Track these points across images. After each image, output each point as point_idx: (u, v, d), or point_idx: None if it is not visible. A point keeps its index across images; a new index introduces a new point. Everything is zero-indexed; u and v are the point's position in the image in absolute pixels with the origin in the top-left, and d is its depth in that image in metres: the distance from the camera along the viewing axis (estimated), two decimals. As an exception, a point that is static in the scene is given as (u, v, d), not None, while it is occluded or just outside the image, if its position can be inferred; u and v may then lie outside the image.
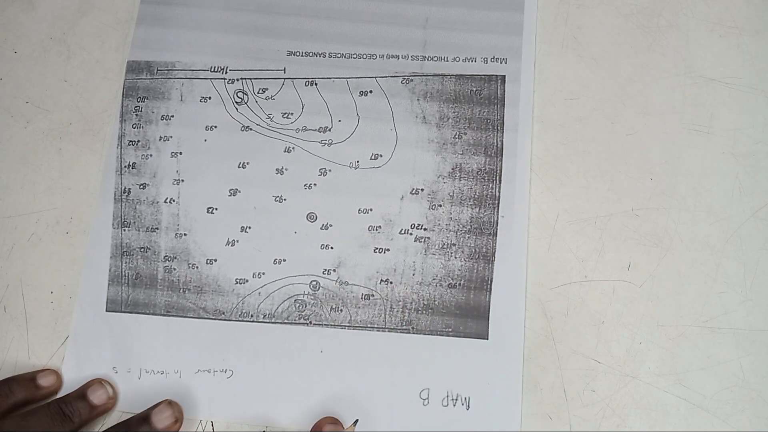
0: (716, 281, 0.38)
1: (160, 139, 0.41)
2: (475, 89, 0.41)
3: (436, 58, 0.41)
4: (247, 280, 0.39)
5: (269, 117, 0.41)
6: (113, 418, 0.37)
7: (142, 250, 0.39)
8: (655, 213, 0.39)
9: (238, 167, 0.40)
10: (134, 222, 0.40)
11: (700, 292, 0.38)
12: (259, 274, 0.39)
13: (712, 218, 0.39)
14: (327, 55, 0.41)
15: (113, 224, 0.40)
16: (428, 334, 0.38)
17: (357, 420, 0.36)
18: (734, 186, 0.39)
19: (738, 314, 0.37)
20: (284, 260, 0.39)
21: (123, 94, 0.41)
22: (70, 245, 0.39)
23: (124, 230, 0.40)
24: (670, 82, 0.41)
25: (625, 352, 0.37)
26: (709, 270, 0.38)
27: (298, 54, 0.42)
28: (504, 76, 0.41)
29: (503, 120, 0.40)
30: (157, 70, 0.42)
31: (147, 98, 0.41)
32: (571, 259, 0.38)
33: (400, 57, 0.41)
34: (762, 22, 0.42)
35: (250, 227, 0.39)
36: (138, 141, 0.41)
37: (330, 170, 0.40)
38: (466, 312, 0.38)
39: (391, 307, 0.38)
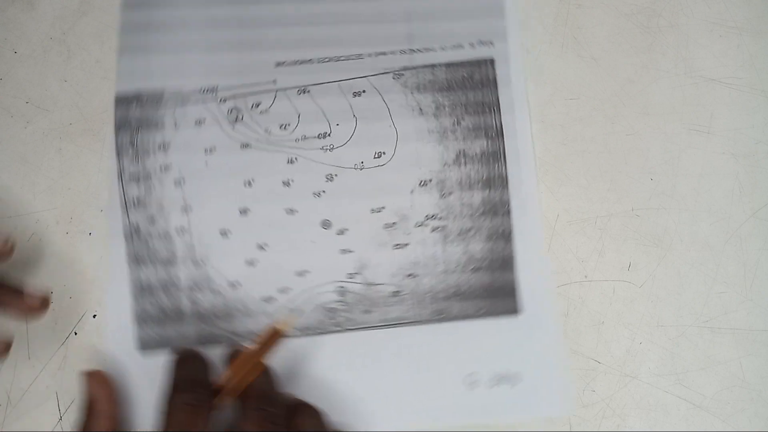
0: (716, 281, 0.38)
1: (160, 170, 0.40)
2: (466, 75, 0.41)
3: (423, 50, 0.41)
4: (274, 298, 0.38)
5: (267, 131, 0.40)
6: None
7: (163, 284, 0.38)
8: (655, 213, 0.39)
9: (244, 186, 0.39)
10: (149, 258, 0.39)
11: (700, 292, 0.38)
12: (284, 289, 0.38)
13: (712, 218, 0.39)
14: (315, 60, 0.41)
15: (129, 264, 0.39)
16: (462, 320, 0.38)
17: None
18: (734, 186, 0.39)
19: (738, 314, 0.37)
20: (307, 271, 0.38)
21: (115, 128, 0.40)
22: (70, 245, 0.39)
23: (141, 267, 0.38)
24: (670, 82, 0.41)
25: (625, 352, 0.37)
26: (709, 270, 0.38)
27: (286, 63, 0.41)
28: (492, 59, 0.41)
29: (498, 101, 0.40)
30: (147, 99, 0.41)
31: (140, 128, 0.40)
32: (571, 260, 0.38)
33: (388, 53, 0.41)
34: (762, 22, 0.42)
35: (267, 244, 0.39)
36: (138, 174, 0.40)
37: (336, 175, 0.40)
38: (494, 292, 0.38)
39: (420, 300, 0.38)
